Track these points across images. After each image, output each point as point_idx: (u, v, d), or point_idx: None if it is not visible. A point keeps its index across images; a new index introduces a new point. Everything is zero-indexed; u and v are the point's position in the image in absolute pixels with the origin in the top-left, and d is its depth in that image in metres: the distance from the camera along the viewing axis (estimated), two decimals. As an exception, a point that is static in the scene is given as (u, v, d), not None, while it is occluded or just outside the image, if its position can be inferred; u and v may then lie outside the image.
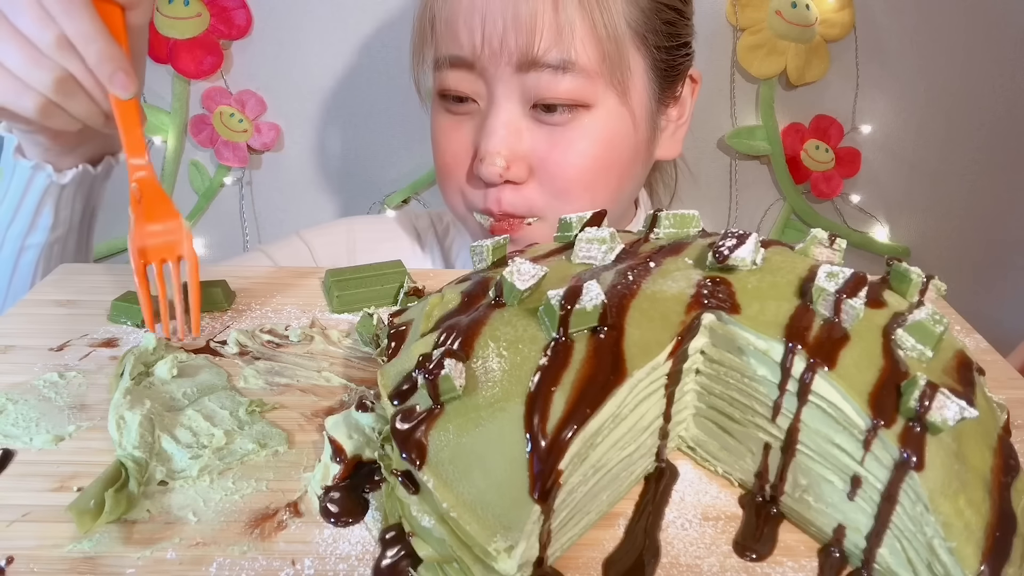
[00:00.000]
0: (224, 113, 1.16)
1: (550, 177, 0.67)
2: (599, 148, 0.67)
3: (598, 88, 0.65)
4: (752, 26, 1.14)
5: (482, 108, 0.67)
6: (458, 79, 0.66)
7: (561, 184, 0.67)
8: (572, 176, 0.67)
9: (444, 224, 0.88)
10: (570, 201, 0.68)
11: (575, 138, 0.66)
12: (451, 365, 0.31)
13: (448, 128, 0.70)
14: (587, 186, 0.68)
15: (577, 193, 0.68)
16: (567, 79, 0.63)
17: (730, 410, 0.37)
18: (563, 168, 0.66)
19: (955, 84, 1.19)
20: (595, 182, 0.68)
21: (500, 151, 0.65)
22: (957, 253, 1.29)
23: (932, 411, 0.30)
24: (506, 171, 0.65)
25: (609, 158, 0.68)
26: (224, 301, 0.52)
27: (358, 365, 0.47)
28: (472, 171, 0.68)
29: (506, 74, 0.64)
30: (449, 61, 0.66)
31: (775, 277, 0.37)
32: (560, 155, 0.66)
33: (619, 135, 0.68)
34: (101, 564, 0.32)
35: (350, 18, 1.14)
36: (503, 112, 0.65)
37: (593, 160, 0.67)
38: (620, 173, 0.70)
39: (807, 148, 1.21)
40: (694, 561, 0.34)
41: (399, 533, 0.33)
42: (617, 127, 0.67)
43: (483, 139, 0.66)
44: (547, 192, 0.67)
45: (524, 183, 0.67)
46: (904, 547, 0.31)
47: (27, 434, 0.40)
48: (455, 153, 0.70)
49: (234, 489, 0.37)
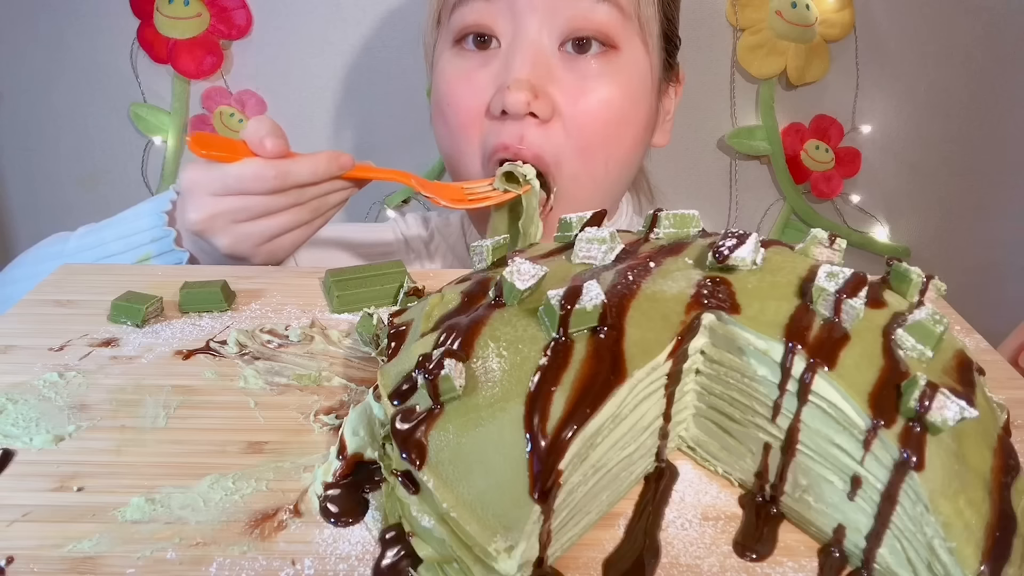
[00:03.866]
0: (224, 113, 1.16)
1: (576, 121, 0.65)
2: (623, 98, 0.66)
3: (628, 30, 0.64)
4: (752, 26, 1.15)
5: (503, 47, 0.65)
6: (479, 12, 0.64)
7: (587, 131, 0.65)
8: (597, 124, 0.65)
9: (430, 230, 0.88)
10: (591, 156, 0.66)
11: (603, 85, 0.65)
12: (451, 365, 0.31)
13: (465, 73, 0.67)
14: (607, 140, 0.67)
15: (597, 147, 0.66)
16: (601, 8, 0.62)
17: (730, 410, 0.37)
18: (590, 114, 0.65)
19: (955, 84, 1.19)
20: (614, 137, 0.67)
21: (529, 79, 0.62)
22: (957, 253, 1.29)
23: (932, 411, 0.30)
24: (534, 100, 0.62)
25: (631, 112, 0.67)
26: (224, 301, 0.52)
27: (358, 365, 0.47)
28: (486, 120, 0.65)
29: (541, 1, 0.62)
30: None
31: (775, 277, 0.37)
32: (587, 100, 0.65)
33: (641, 89, 0.68)
34: (101, 564, 0.32)
35: (350, 18, 1.14)
36: (531, 42, 0.63)
37: (619, 111, 0.66)
38: (635, 136, 0.69)
39: (807, 148, 1.21)
40: (694, 561, 0.34)
41: (399, 533, 0.33)
42: (640, 79, 0.67)
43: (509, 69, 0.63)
44: (571, 140, 0.65)
45: (548, 123, 0.65)
46: (904, 547, 0.31)
47: (27, 434, 0.40)
48: (470, 104, 0.66)
49: (234, 489, 0.37)
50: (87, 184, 1.23)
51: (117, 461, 0.38)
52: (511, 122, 0.64)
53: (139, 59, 1.15)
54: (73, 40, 1.14)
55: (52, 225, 1.24)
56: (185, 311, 0.52)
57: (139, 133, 1.19)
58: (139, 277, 0.56)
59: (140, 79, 1.16)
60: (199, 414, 0.42)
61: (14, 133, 1.20)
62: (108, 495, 0.36)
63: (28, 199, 1.25)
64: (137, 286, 0.53)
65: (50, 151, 1.21)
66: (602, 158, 0.67)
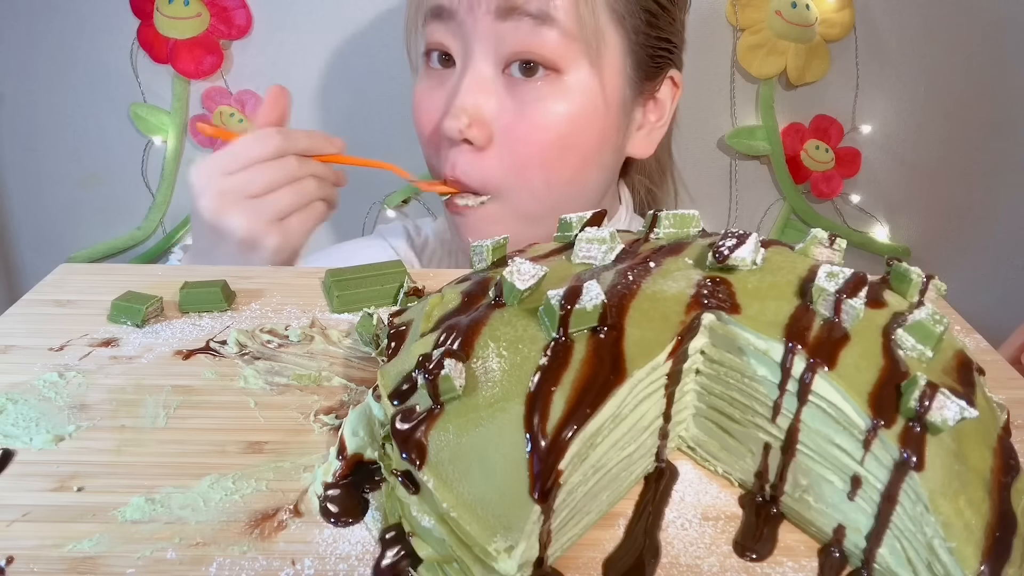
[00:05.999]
0: (224, 113, 1.16)
1: (510, 147, 0.66)
2: (564, 123, 0.66)
3: (573, 53, 0.64)
4: (752, 26, 1.14)
5: (457, 69, 0.67)
6: (439, 32, 0.66)
7: (521, 157, 0.66)
8: (533, 149, 0.66)
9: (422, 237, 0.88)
10: (526, 179, 0.67)
11: (542, 109, 0.65)
12: (451, 365, 0.31)
13: (427, 89, 0.70)
14: (545, 164, 0.67)
15: (534, 170, 0.67)
16: (544, 33, 0.63)
17: (730, 410, 0.37)
18: (525, 139, 0.66)
19: (955, 84, 1.19)
20: (554, 160, 0.67)
21: (465, 107, 0.64)
22: (957, 253, 1.29)
23: (932, 411, 0.30)
24: (467, 128, 0.64)
25: (573, 136, 0.67)
26: (224, 301, 0.52)
27: (358, 365, 0.47)
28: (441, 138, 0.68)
29: (484, 23, 0.63)
30: (432, 11, 0.66)
31: (775, 277, 0.37)
32: (525, 124, 0.65)
33: (587, 112, 0.67)
34: (101, 564, 0.32)
35: (350, 18, 1.14)
36: (475, 69, 0.65)
37: (556, 135, 0.66)
38: (583, 156, 0.69)
39: (807, 148, 1.21)
40: (694, 561, 0.34)
41: (399, 533, 0.33)
42: (586, 103, 0.66)
43: (451, 95, 0.66)
44: (505, 164, 0.66)
45: (483, 150, 0.66)
46: (904, 547, 0.31)
47: (27, 434, 0.40)
48: (431, 118, 0.69)
49: (234, 489, 0.37)
50: (87, 184, 1.23)
51: (117, 461, 0.38)
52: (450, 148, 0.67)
53: (139, 59, 1.15)
54: (73, 40, 1.14)
55: (52, 225, 1.25)
56: (185, 311, 0.52)
57: (139, 133, 1.19)
58: (139, 277, 0.56)
59: (140, 79, 1.16)
60: (199, 414, 0.42)
61: (14, 133, 1.20)
62: (108, 495, 0.36)
63: (28, 199, 1.25)
64: (137, 286, 0.53)
65: (50, 151, 1.21)
66: (541, 179, 0.68)
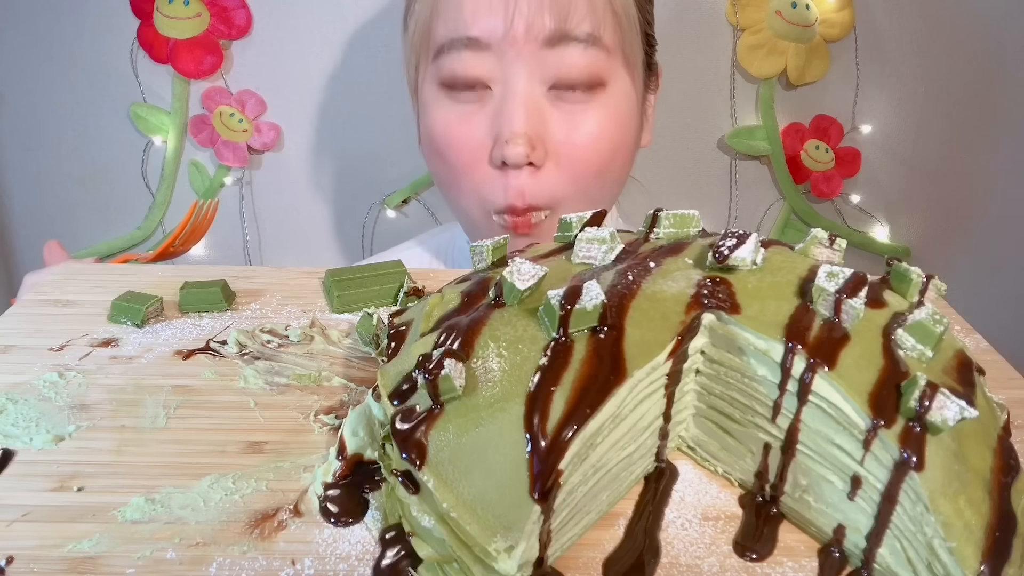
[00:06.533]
0: (224, 113, 1.16)
1: (569, 160, 0.66)
2: (614, 128, 0.67)
3: (614, 65, 0.65)
4: (752, 26, 1.14)
5: (495, 93, 0.65)
6: (471, 62, 0.64)
7: (580, 167, 0.66)
8: (590, 158, 0.66)
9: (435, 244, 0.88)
10: (585, 187, 0.67)
11: (592, 119, 0.66)
12: (451, 365, 0.31)
13: (457, 121, 0.67)
14: (600, 169, 0.67)
15: (591, 177, 0.67)
16: (590, 54, 0.63)
17: (730, 410, 0.37)
18: (582, 150, 0.66)
19: (955, 84, 1.19)
20: (608, 164, 0.68)
21: (526, 131, 0.63)
22: (957, 253, 1.29)
23: (932, 411, 0.30)
24: (532, 152, 0.63)
25: (622, 139, 0.68)
26: (224, 301, 0.52)
27: (358, 365, 0.47)
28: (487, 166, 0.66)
29: (529, 51, 0.63)
30: (463, 43, 0.64)
31: (775, 277, 0.37)
32: (579, 137, 0.65)
33: (628, 115, 0.68)
34: (101, 564, 0.32)
35: (350, 18, 1.14)
36: (522, 93, 0.64)
37: (609, 141, 0.67)
38: (626, 156, 0.70)
39: (807, 148, 1.21)
40: (694, 561, 0.34)
41: (399, 533, 0.33)
42: (628, 107, 0.68)
43: (504, 122, 0.64)
44: (564, 177, 0.66)
45: (541, 168, 0.66)
46: (904, 547, 0.31)
47: (27, 434, 0.40)
48: (470, 147, 0.66)
49: (234, 489, 0.37)
50: (87, 184, 1.23)
51: (117, 461, 0.38)
52: (512, 174, 0.65)
53: (139, 59, 1.15)
54: (73, 40, 1.14)
55: (52, 225, 1.25)
56: (185, 311, 0.52)
57: (139, 133, 1.19)
58: (139, 277, 0.56)
59: (140, 79, 1.16)
60: (199, 414, 0.42)
61: (15, 133, 1.20)
62: (108, 495, 0.36)
63: (28, 199, 1.25)
64: (137, 286, 0.53)
65: (51, 151, 1.21)
66: (597, 184, 0.68)
